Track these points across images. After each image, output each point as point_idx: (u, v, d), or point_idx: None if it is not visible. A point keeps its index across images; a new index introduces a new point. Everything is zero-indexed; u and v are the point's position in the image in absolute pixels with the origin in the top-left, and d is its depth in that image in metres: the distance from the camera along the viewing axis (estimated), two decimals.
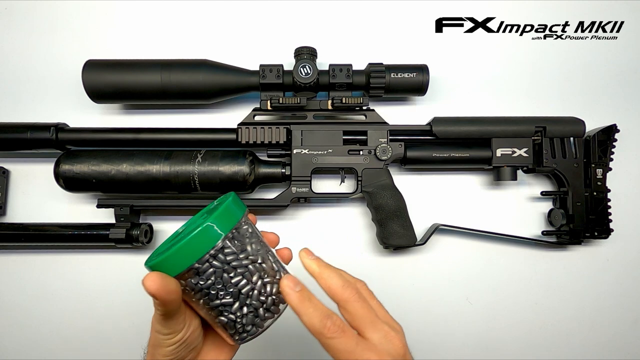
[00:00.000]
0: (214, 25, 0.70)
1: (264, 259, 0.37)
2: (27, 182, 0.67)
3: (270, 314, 0.37)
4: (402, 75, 0.61)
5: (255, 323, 0.36)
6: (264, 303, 0.36)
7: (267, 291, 0.36)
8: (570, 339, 0.67)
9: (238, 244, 0.35)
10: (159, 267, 0.33)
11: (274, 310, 0.37)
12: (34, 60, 0.69)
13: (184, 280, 0.34)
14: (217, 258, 0.34)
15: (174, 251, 0.32)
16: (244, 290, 0.35)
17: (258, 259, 0.36)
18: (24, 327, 0.65)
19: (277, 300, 0.37)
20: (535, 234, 0.67)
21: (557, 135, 0.63)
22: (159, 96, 0.61)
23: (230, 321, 0.36)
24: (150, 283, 0.31)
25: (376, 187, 0.62)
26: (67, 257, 0.66)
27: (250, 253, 0.36)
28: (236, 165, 0.60)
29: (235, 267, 0.35)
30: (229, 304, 0.35)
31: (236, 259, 0.35)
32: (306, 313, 0.33)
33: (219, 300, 0.35)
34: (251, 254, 0.36)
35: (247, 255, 0.36)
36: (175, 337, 0.35)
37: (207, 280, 0.34)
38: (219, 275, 0.34)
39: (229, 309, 0.35)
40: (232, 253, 0.35)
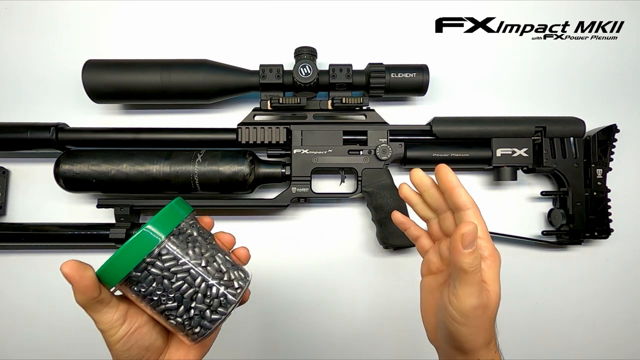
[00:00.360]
0: (214, 25, 0.70)
1: (208, 262, 0.36)
2: (27, 182, 0.67)
3: (218, 315, 0.36)
4: (402, 75, 0.61)
5: (202, 325, 0.36)
6: (210, 305, 0.36)
7: (212, 293, 0.36)
8: (570, 339, 0.67)
9: (178, 249, 0.35)
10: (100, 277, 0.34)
11: (222, 311, 0.36)
12: (34, 60, 0.69)
13: (128, 287, 0.35)
14: (155, 265, 0.34)
15: (111, 261, 0.33)
16: (187, 294, 0.35)
17: (202, 262, 0.36)
18: (24, 327, 0.65)
19: (225, 301, 0.36)
20: (535, 234, 0.67)
21: (557, 135, 0.63)
22: (159, 96, 0.61)
23: (178, 324, 0.36)
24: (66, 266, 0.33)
25: (376, 187, 0.62)
26: (67, 257, 0.65)
27: (191, 257, 0.36)
28: (236, 165, 0.60)
29: (175, 272, 0.35)
30: (174, 308, 0.35)
31: (176, 265, 0.35)
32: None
33: (163, 305, 0.35)
34: (193, 257, 0.36)
35: (189, 260, 0.35)
36: (117, 334, 0.35)
37: (148, 287, 0.34)
38: (159, 282, 0.34)
39: (175, 313, 0.35)
40: (170, 259, 0.35)
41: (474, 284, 0.35)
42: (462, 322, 0.36)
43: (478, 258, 0.35)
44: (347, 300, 0.66)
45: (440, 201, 0.41)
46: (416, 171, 0.41)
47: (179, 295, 0.35)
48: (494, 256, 0.38)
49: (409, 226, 0.46)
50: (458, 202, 0.38)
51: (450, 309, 0.36)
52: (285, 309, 0.66)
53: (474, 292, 0.35)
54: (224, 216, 0.67)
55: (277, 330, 0.66)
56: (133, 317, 0.36)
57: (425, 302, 0.44)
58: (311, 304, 0.66)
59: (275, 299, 0.66)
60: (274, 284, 0.66)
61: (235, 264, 0.39)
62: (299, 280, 0.66)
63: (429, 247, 0.44)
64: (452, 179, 0.38)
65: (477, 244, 0.35)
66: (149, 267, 0.34)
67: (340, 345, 0.66)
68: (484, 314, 0.37)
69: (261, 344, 0.66)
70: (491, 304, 0.37)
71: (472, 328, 0.36)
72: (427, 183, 0.41)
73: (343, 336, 0.66)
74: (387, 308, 0.66)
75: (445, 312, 0.37)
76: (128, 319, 0.36)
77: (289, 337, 0.66)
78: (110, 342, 0.35)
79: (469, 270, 0.34)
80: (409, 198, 0.43)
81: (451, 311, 0.36)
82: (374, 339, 0.66)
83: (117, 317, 0.35)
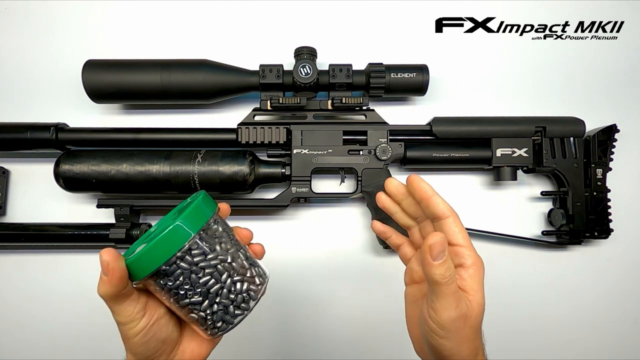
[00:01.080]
0: (214, 25, 0.70)
1: (234, 258, 0.37)
2: (27, 182, 0.67)
3: (241, 311, 0.37)
4: (402, 75, 0.61)
5: (225, 320, 0.37)
6: (233, 301, 0.36)
7: (236, 289, 0.36)
8: (570, 339, 0.67)
9: (206, 245, 0.35)
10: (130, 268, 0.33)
11: (244, 307, 0.37)
12: (34, 60, 0.69)
13: (153, 280, 0.35)
14: (185, 260, 0.34)
15: (141, 254, 0.33)
16: (213, 290, 0.35)
17: (228, 258, 0.36)
18: (23, 327, 0.65)
19: (247, 297, 0.37)
20: (535, 234, 0.67)
21: (557, 135, 0.63)
22: (159, 96, 0.61)
23: (201, 318, 0.36)
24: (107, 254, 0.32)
25: (376, 187, 0.62)
26: (67, 257, 0.66)
27: (219, 253, 0.36)
28: (236, 165, 0.60)
29: (203, 267, 0.35)
30: (198, 303, 0.35)
31: (204, 260, 0.35)
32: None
33: (187, 299, 0.35)
34: (220, 253, 0.36)
35: (216, 255, 0.36)
36: (137, 327, 0.35)
37: (175, 281, 0.34)
38: (186, 276, 0.35)
39: (199, 307, 0.36)
40: (200, 254, 0.35)
41: (450, 295, 0.34)
42: (443, 335, 0.35)
43: (450, 269, 0.34)
44: (347, 300, 0.66)
45: (418, 210, 0.41)
46: (390, 180, 0.42)
47: (205, 290, 0.35)
48: (477, 264, 0.37)
49: (390, 234, 0.46)
50: (436, 211, 0.37)
51: (430, 322, 0.35)
52: (285, 308, 0.66)
53: (451, 304, 0.34)
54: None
55: (277, 330, 0.66)
56: (152, 310, 0.36)
57: (410, 314, 0.42)
58: (311, 303, 0.66)
59: (275, 299, 0.66)
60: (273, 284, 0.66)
61: (255, 260, 0.40)
62: (299, 280, 0.66)
63: (411, 255, 0.44)
64: (426, 189, 0.38)
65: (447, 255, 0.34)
66: (178, 262, 0.34)
67: (340, 345, 0.66)
68: (466, 325, 0.35)
69: (261, 344, 0.66)
70: (472, 313, 0.36)
71: (454, 341, 0.35)
72: (402, 192, 0.41)
73: (343, 336, 0.66)
74: (386, 308, 0.66)
75: (426, 326, 0.36)
76: (148, 311, 0.35)
77: (289, 336, 0.66)
78: (128, 335, 0.35)
79: (441, 282, 0.34)
80: (387, 207, 0.43)
81: (431, 325, 0.35)
82: (374, 339, 0.66)
83: (138, 309, 0.35)
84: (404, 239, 0.45)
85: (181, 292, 0.35)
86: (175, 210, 0.40)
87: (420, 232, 0.42)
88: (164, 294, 0.35)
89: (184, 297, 0.35)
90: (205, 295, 0.35)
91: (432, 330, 0.35)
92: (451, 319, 0.34)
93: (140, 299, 0.35)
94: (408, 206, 0.41)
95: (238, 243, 0.39)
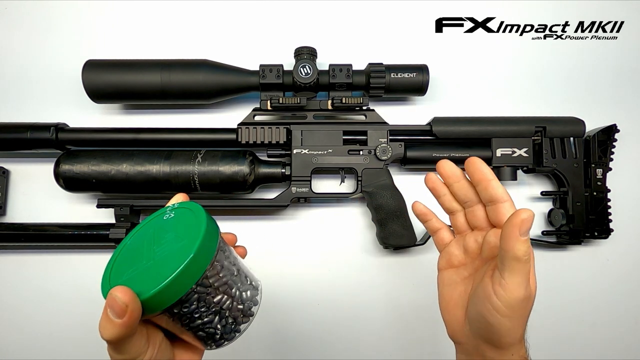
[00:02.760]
0: (214, 25, 0.70)
1: (238, 269, 0.36)
2: (27, 182, 0.67)
3: (247, 319, 0.36)
4: (402, 75, 0.61)
5: (234, 329, 0.36)
6: (241, 311, 0.36)
7: (243, 299, 0.36)
8: (570, 339, 0.67)
9: (217, 264, 0.34)
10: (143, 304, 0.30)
11: (249, 313, 0.36)
12: (34, 60, 0.69)
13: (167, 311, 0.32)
14: (202, 284, 0.33)
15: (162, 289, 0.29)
16: (225, 306, 0.34)
17: (234, 271, 0.36)
18: (23, 327, 0.65)
19: (252, 304, 0.36)
20: (535, 234, 0.67)
21: (557, 135, 0.63)
22: (159, 96, 0.61)
23: (209, 335, 0.35)
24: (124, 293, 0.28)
25: (376, 187, 0.62)
26: (67, 257, 0.66)
27: (227, 268, 0.35)
28: (236, 165, 0.60)
29: (217, 287, 0.34)
30: (210, 321, 0.34)
31: (218, 279, 0.34)
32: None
33: (200, 320, 0.34)
34: (227, 268, 0.35)
35: (227, 272, 0.35)
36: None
37: (191, 306, 0.32)
38: (202, 299, 0.33)
39: (210, 325, 0.34)
40: (214, 275, 0.33)
41: (525, 274, 0.34)
42: (508, 314, 0.34)
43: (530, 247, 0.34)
44: (347, 300, 0.66)
45: (470, 193, 0.40)
46: (445, 162, 0.41)
47: (218, 308, 0.34)
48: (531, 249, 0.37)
49: (431, 217, 0.45)
50: (495, 194, 0.37)
51: (496, 300, 0.34)
52: (285, 308, 0.66)
53: (524, 283, 0.34)
54: (224, 216, 0.67)
55: (276, 329, 0.66)
56: (154, 338, 0.34)
57: (446, 296, 0.42)
58: (311, 303, 0.66)
59: (275, 299, 0.66)
60: (273, 283, 0.66)
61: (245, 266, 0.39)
62: (299, 280, 0.66)
63: (448, 240, 0.43)
64: (486, 172, 0.38)
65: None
66: (196, 288, 0.32)
67: (340, 345, 0.66)
68: (527, 306, 0.36)
69: (261, 344, 0.66)
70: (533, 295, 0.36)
71: (515, 321, 0.35)
72: (458, 174, 0.40)
73: (343, 336, 0.66)
74: (386, 308, 0.66)
75: (488, 303, 0.35)
76: (151, 341, 0.33)
77: (288, 336, 0.66)
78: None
79: (522, 258, 0.33)
80: (437, 189, 0.42)
81: (496, 303, 0.34)
82: (374, 339, 0.66)
83: (144, 342, 0.32)
84: (442, 224, 0.45)
85: (195, 315, 0.33)
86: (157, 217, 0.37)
87: (466, 217, 0.41)
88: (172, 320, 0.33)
89: (198, 319, 0.33)
90: (218, 313, 0.34)
91: (495, 308, 0.35)
92: (520, 297, 0.34)
93: (143, 330, 0.32)
94: (459, 189, 0.40)
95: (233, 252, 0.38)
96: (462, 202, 0.41)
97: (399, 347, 0.65)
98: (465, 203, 0.41)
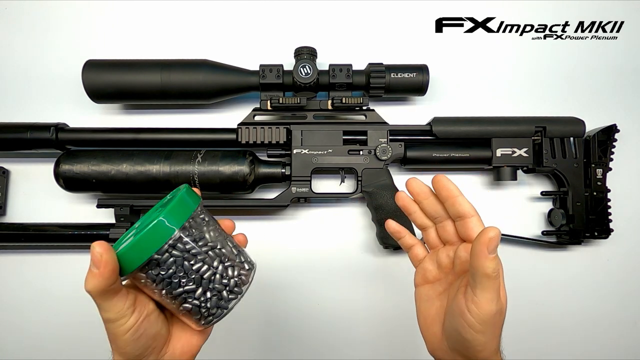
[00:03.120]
0: (214, 25, 0.70)
1: (222, 245, 0.38)
2: (27, 182, 0.67)
3: (234, 295, 0.38)
4: (402, 75, 0.61)
5: (219, 305, 0.37)
6: (226, 285, 0.37)
7: (229, 274, 0.38)
8: (570, 339, 0.67)
9: (196, 232, 0.36)
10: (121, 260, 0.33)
11: (237, 291, 0.38)
12: (34, 60, 0.69)
13: (144, 273, 0.35)
14: (177, 247, 0.35)
15: (131, 245, 0.33)
16: (206, 276, 0.36)
17: (217, 244, 0.38)
18: (23, 327, 0.65)
19: (239, 281, 0.38)
20: (535, 234, 0.67)
21: (557, 135, 0.63)
22: (159, 96, 0.61)
23: (195, 307, 0.37)
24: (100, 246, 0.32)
25: (376, 187, 0.62)
26: (68, 257, 0.66)
27: (208, 240, 0.37)
28: (236, 165, 0.60)
29: (195, 254, 0.36)
30: (192, 290, 0.36)
31: (195, 247, 0.36)
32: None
33: (181, 288, 0.36)
34: (210, 240, 0.37)
35: (206, 242, 0.37)
36: (127, 323, 0.34)
37: (168, 270, 0.35)
38: (179, 264, 0.35)
39: (193, 295, 0.36)
40: (191, 241, 0.36)
41: (495, 290, 0.35)
42: (481, 330, 0.35)
43: (499, 263, 0.35)
44: (347, 300, 0.66)
45: (439, 209, 0.40)
46: (413, 180, 0.41)
47: (198, 276, 0.36)
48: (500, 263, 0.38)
49: (404, 234, 0.46)
50: (462, 210, 0.38)
51: (469, 317, 0.35)
52: (285, 308, 0.66)
53: (494, 298, 0.35)
54: (224, 216, 0.66)
55: (276, 329, 0.66)
56: (142, 305, 0.35)
57: (424, 312, 0.43)
58: (311, 303, 0.66)
59: (275, 299, 0.66)
60: (273, 283, 0.66)
61: (241, 248, 0.41)
62: (299, 280, 0.66)
63: (423, 256, 0.44)
64: (452, 188, 0.39)
65: None
66: (170, 250, 0.35)
67: (340, 345, 0.66)
68: (500, 320, 0.37)
69: (261, 344, 0.66)
70: (504, 309, 0.37)
71: (489, 335, 0.36)
72: (426, 191, 0.41)
73: (342, 336, 0.66)
74: (386, 308, 0.66)
75: (462, 320, 0.36)
76: (137, 307, 0.35)
77: (288, 336, 0.66)
78: (118, 332, 0.34)
79: (492, 275, 0.34)
80: (407, 206, 0.43)
81: (470, 319, 0.35)
82: (374, 339, 0.66)
83: (128, 305, 0.34)
84: (416, 240, 0.45)
85: (174, 281, 0.35)
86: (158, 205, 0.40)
87: (437, 233, 0.42)
88: (155, 286, 0.35)
89: (177, 285, 0.35)
90: (199, 282, 0.36)
91: (469, 324, 0.35)
92: (492, 313, 0.35)
93: (129, 294, 0.35)
94: (429, 206, 0.41)
95: (223, 232, 0.40)
96: (433, 218, 0.42)
97: (399, 347, 0.65)
98: (436, 219, 0.42)
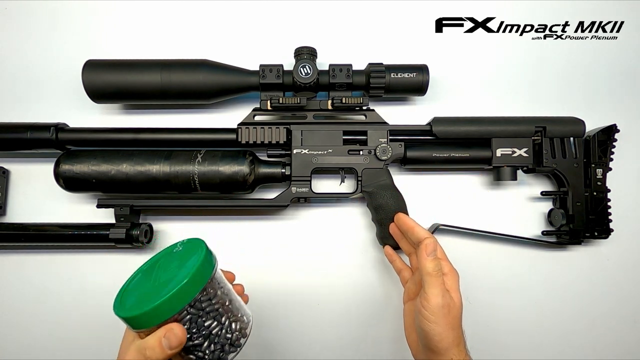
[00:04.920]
0: (214, 25, 0.70)
1: (230, 300, 0.40)
2: (27, 182, 0.67)
3: (234, 348, 0.40)
4: (402, 75, 0.61)
5: (221, 357, 0.39)
6: (229, 339, 0.39)
7: (232, 328, 0.40)
8: (570, 339, 0.67)
9: (212, 291, 0.38)
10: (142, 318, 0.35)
11: (237, 344, 0.40)
12: (34, 60, 0.69)
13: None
14: (194, 306, 0.37)
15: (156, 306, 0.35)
16: (214, 332, 0.38)
17: (226, 301, 0.40)
18: (23, 327, 0.65)
19: (240, 335, 0.40)
20: (535, 234, 0.67)
21: (557, 135, 0.63)
22: (159, 96, 0.61)
23: (199, 358, 0.38)
24: (183, 333, 0.36)
25: (376, 187, 0.62)
26: (67, 257, 0.66)
27: (220, 297, 0.39)
28: (236, 165, 0.60)
29: (209, 312, 0.38)
30: (200, 344, 0.38)
31: (210, 305, 0.38)
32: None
33: (190, 342, 0.37)
34: (221, 297, 0.39)
35: (218, 300, 0.39)
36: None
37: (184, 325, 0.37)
38: (194, 321, 0.37)
39: (199, 348, 0.38)
40: (207, 299, 0.38)
41: (438, 286, 0.46)
42: (434, 320, 0.45)
43: (439, 265, 0.47)
44: (347, 300, 0.66)
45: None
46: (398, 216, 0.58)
47: (207, 332, 0.38)
48: (452, 272, 0.50)
49: (395, 259, 0.60)
50: (418, 236, 0.51)
51: (423, 310, 0.46)
52: (285, 308, 0.66)
53: (440, 292, 0.46)
54: (224, 216, 0.67)
55: (276, 330, 0.66)
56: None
57: (407, 324, 0.54)
58: (311, 304, 0.66)
59: (275, 299, 0.66)
60: (273, 283, 0.66)
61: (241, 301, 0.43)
62: (299, 280, 0.66)
63: (408, 278, 0.56)
64: (409, 222, 0.54)
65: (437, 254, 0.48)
66: (188, 309, 0.36)
67: (340, 345, 0.66)
68: (450, 313, 0.46)
69: (261, 344, 0.66)
70: (455, 306, 0.47)
71: (442, 326, 0.45)
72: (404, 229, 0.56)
73: (342, 336, 0.66)
74: (386, 308, 0.66)
75: (420, 316, 0.46)
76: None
77: (288, 336, 0.66)
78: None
79: (432, 273, 0.46)
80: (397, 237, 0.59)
81: (424, 312, 0.46)
82: (373, 339, 0.66)
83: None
84: (404, 265, 0.58)
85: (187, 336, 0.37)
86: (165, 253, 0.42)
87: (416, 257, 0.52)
88: None
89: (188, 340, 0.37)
90: (207, 337, 0.38)
91: (424, 317, 0.45)
92: (439, 304, 0.45)
93: None
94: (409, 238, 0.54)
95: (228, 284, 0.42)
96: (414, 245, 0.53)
97: (397, 347, 0.65)
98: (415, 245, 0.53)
